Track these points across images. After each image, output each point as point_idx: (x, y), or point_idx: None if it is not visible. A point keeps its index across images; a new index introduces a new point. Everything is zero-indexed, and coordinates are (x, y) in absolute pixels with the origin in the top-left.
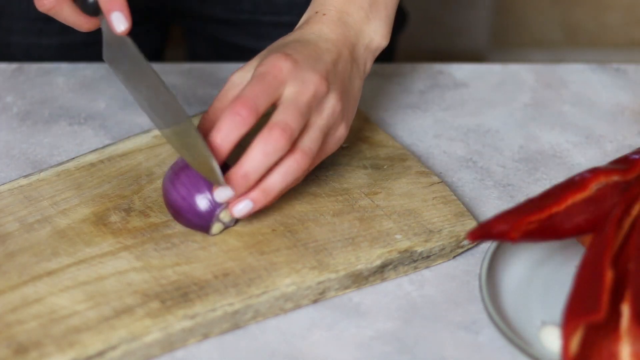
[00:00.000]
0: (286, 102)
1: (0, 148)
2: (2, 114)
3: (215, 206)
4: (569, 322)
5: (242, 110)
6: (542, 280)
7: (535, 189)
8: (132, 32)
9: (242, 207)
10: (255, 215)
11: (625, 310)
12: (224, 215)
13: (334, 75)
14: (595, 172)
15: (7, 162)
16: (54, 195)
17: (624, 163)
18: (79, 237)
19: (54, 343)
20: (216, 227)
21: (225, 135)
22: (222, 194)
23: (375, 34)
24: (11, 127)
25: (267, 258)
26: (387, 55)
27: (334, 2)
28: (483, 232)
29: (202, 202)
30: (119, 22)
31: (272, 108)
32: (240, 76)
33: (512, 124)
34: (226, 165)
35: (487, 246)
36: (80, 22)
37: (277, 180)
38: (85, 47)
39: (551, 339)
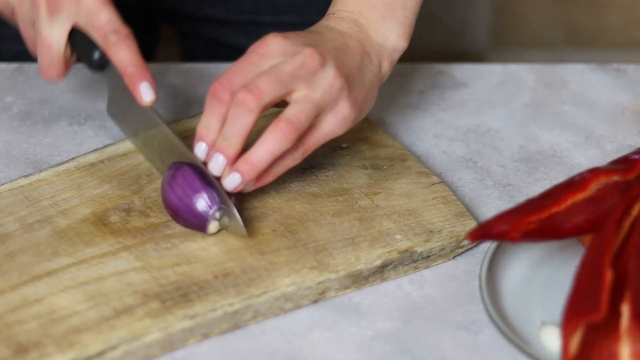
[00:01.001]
0: (267, 70)
1: (0, 148)
2: (2, 114)
3: (211, 205)
4: (568, 322)
5: (219, 91)
6: (542, 280)
7: (535, 189)
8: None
9: (231, 180)
10: (255, 215)
11: (625, 310)
12: (221, 216)
13: (331, 55)
14: (595, 172)
15: (7, 162)
16: (54, 195)
17: (624, 163)
18: (79, 237)
19: (54, 343)
20: (213, 226)
21: (207, 121)
22: (214, 166)
23: (390, 32)
24: (11, 127)
25: (267, 258)
26: None
27: (347, 4)
28: (483, 232)
29: (197, 201)
30: (147, 92)
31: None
32: None
33: (512, 124)
34: None
35: (487, 246)
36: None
37: (263, 151)
38: None
39: (551, 339)
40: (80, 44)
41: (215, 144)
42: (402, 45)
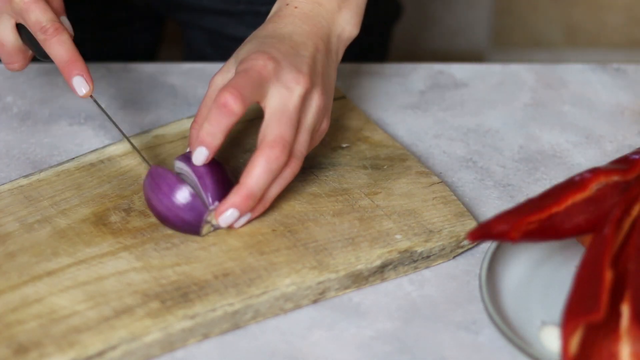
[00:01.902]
0: (276, 112)
1: (0, 148)
2: (2, 114)
3: (202, 211)
4: (568, 322)
5: (229, 101)
6: (542, 280)
7: (535, 189)
8: (127, 31)
9: (243, 221)
10: None
11: (625, 310)
12: (212, 218)
13: (314, 71)
14: (595, 172)
15: (7, 162)
16: (54, 195)
17: (624, 163)
18: (79, 237)
19: (54, 343)
20: (205, 229)
21: (214, 128)
22: (227, 217)
23: (347, 23)
24: (11, 127)
25: (267, 258)
26: (382, 49)
27: None
28: (483, 232)
29: (188, 210)
30: (81, 86)
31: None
32: (221, 78)
33: (512, 124)
34: (219, 165)
35: (487, 246)
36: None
37: (275, 190)
38: None
39: (551, 339)
40: (28, 37)
41: (244, 194)
42: (355, 33)
